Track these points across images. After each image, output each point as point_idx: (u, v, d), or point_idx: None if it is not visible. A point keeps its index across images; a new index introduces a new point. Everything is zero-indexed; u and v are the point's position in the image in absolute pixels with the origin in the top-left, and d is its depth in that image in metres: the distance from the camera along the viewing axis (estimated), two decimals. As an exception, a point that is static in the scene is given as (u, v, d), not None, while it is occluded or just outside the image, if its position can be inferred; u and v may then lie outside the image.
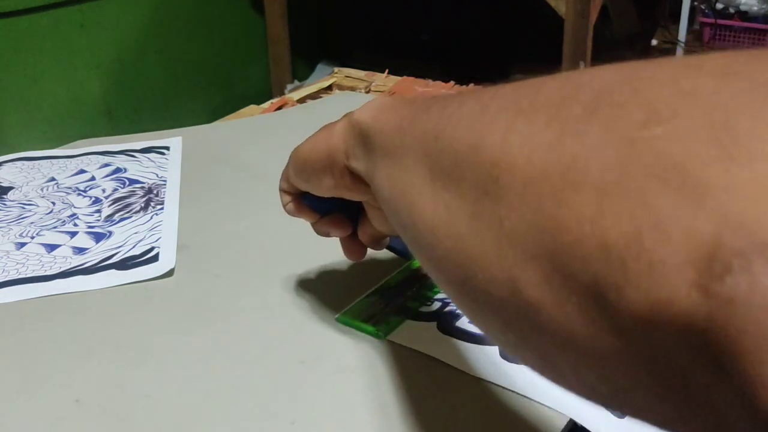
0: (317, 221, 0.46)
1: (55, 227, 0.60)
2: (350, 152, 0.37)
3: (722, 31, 2.16)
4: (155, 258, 0.55)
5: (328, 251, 0.56)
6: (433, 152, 0.27)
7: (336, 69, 1.04)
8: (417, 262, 0.52)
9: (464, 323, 0.47)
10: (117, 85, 1.82)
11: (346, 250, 0.48)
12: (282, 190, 0.46)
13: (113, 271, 0.54)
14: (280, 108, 0.89)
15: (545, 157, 0.21)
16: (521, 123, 0.22)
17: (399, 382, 0.43)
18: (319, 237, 0.55)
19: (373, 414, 0.40)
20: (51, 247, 0.57)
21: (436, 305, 0.50)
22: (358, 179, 0.38)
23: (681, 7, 2.13)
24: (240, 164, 0.72)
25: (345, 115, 0.38)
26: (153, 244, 0.57)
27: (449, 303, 0.49)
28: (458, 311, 0.48)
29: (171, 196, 0.65)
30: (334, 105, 0.89)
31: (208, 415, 0.41)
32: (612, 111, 0.20)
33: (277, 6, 2.10)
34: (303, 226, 0.60)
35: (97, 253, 0.56)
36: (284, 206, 0.46)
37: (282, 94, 1.04)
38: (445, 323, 0.47)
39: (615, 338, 0.18)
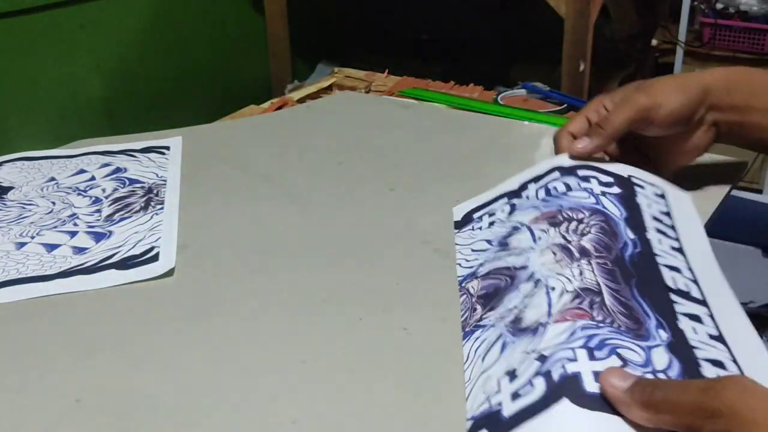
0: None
1: (55, 227, 0.60)
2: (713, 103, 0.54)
3: (722, 31, 2.16)
4: (155, 258, 0.55)
5: (329, 251, 0.56)
6: None
7: (336, 69, 1.04)
8: None
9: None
10: (117, 85, 1.82)
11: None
12: (597, 145, 0.55)
13: (113, 270, 0.54)
14: (280, 108, 0.89)
15: None
16: None
17: (400, 381, 0.43)
18: (318, 236, 0.54)
19: (374, 414, 0.40)
20: (51, 247, 0.57)
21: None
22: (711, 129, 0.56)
23: (681, 7, 2.13)
24: (240, 164, 0.72)
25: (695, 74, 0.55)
26: (153, 244, 0.57)
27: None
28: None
29: (171, 195, 0.65)
30: (334, 105, 0.89)
31: (209, 414, 0.41)
32: None
33: (277, 6, 2.09)
34: (303, 225, 0.60)
35: (97, 252, 0.56)
36: (587, 151, 0.55)
37: (282, 94, 1.04)
38: None
39: None
